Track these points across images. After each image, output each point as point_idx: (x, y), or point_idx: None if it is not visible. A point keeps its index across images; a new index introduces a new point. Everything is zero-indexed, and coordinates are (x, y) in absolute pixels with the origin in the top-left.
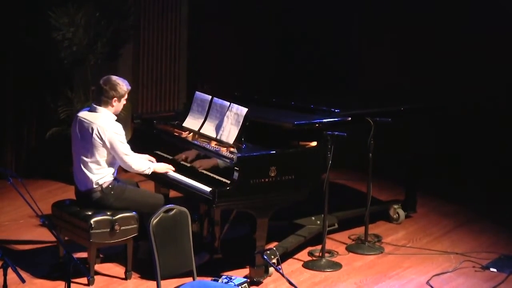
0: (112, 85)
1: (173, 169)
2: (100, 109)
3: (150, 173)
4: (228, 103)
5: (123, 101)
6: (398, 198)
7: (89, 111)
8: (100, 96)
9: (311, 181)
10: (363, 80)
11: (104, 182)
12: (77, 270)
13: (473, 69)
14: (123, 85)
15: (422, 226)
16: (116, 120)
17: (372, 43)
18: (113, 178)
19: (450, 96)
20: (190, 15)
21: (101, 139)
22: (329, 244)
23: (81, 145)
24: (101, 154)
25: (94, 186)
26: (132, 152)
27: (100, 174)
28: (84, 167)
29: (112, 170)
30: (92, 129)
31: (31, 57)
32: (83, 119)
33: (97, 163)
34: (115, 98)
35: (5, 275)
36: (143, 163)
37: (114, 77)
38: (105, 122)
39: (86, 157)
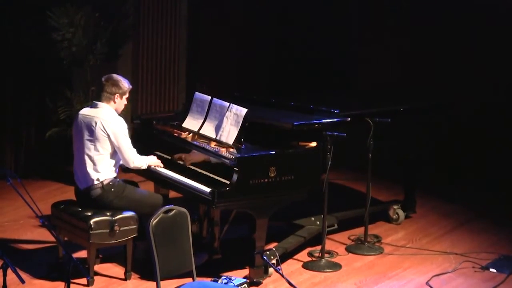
0: (114, 81)
1: (161, 165)
2: (102, 104)
3: (146, 167)
4: (228, 104)
5: (125, 100)
6: (397, 198)
7: (90, 107)
8: (101, 93)
9: (310, 182)
10: (363, 80)
11: (105, 179)
12: (76, 270)
13: (474, 68)
14: (124, 83)
15: (422, 227)
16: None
17: (372, 43)
18: (114, 176)
19: (450, 96)
20: (190, 15)
21: (105, 131)
22: (329, 245)
23: (84, 141)
24: (105, 148)
25: (95, 183)
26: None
27: (101, 170)
28: (86, 163)
29: (113, 167)
30: (96, 123)
31: (31, 58)
32: (85, 116)
33: (100, 157)
34: (117, 95)
35: (4, 275)
36: (142, 159)
37: (115, 75)
38: (108, 116)
39: (89, 152)
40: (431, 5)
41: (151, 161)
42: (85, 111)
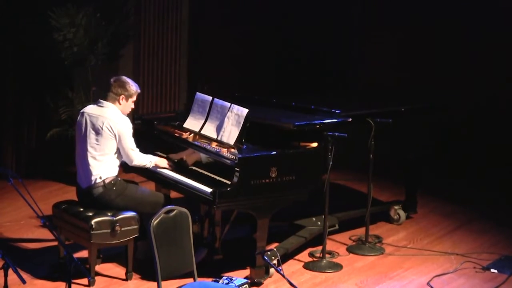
0: (121, 83)
1: (170, 167)
2: (107, 104)
3: (151, 167)
4: (229, 104)
5: (131, 103)
6: (398, 198)
7: (96, 106)
8: (107, 92)
9: (311, 182)
10: (363, 80)
11: (107, 178)
12: (77, 270)
13: (474, 69)
14: (132, 85)
15: (423, 227)
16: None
17: (372, 44)
18: (115, 175)
19: (451, 96)
20: (191, 15)
21: (111, 131)
22: (330, 245)
23: (88, 140)
24: (109, 147)
25: (97, 181)
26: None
27: (104, 168)
28: (89, 161)
29: (116, 165)
30: (102, 122)
31: (32, 58)
32: (91, 114)
33: (103, 157)
34: (123, 96)
35: (5, 275)
36: (145, 158)
37: (125, 77)
38: (114, 115)
39: (93, 151)
40: (431, 5)
41: (158, 162)
42: (91, 110)
